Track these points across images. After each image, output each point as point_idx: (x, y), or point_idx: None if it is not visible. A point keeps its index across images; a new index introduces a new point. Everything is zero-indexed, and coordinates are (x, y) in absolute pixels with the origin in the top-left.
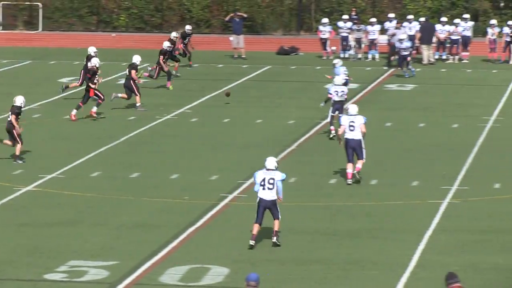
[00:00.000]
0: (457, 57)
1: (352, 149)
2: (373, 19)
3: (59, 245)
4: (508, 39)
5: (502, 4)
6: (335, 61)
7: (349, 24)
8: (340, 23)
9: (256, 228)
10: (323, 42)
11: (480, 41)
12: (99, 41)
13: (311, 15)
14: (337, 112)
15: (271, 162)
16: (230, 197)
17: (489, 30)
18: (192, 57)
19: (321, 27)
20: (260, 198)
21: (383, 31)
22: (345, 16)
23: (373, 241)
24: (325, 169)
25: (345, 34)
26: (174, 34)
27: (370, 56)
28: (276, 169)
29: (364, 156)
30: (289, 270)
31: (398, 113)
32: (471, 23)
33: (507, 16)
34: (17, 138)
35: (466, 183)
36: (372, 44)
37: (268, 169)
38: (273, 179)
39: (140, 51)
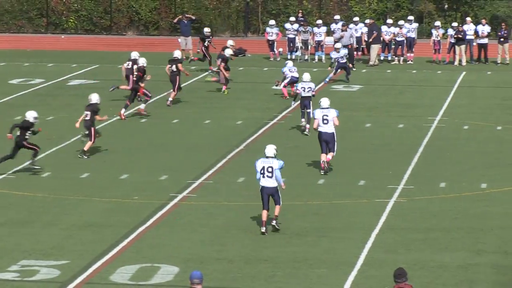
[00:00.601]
0: (402, 58)
1: (326, 142)
2: (319, 21)
3: (10, 244)
4: (452, 40)
5: (446, 6)
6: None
7: (295, 26)
8: (287, 25)
9: (265, 214)
10: (270, 43)
11: (424, 42)
12: (48, 43)
13: (258, 17)
14: (305, 108)
15: (270, 150)
16: (180, 196)
17: (434, 32)
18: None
19: (268, 29)
20: (262, 186)
21: (329, 33)
22: (292, 18)
23: (321, 240)
24: None
25: (292, 36)
26: (230, 42)
27: (316, 57)
28: (275, 156)
29: (336, 149)
30: (237, 268)
31: (345, 114)
32: (415, 25)
33: (451, 17)
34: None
35: (412, 183)
36: (319, 45)
37: (267, 157)
38: (271, 167)
39: (89, 53)
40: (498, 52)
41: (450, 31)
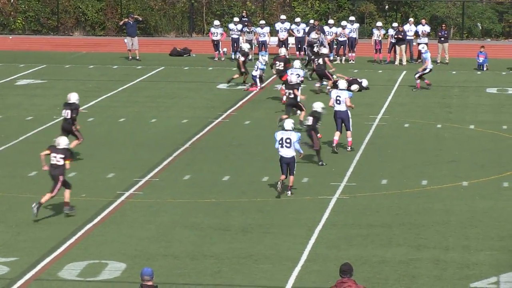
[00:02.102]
0: (344, 58)
1: (341, 119)
2: (263, 22)
3: None
4: (393, 40)
5: (386, 7)
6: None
7: (239, 26)
8: (231, 26)
9: (282, 177)
10: (215, 44)
11: (366, 42)
12: None
13: (203, 17)
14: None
15: (288, 123)
16: (126, 194)
17: (375, 32)
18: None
19: (212, 29)
20: (281, 156)
21: (273, 33)
22: (236, 19)
23: (265, 236)
24: (218, 167)
25: (236, 36)
26: (283, 51)
27: (260, 57)
28: (293, 129)
29: (351, 127)
30: (183, 264)
31: (282, 113)
32: (357, 25)
33: (391, 18)
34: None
35: (354, 179)
36: (263, 45)
37: (285, 130)
38: (289, 139)
39: (37, 53)
40: (438, 52)
41: (391, 31)
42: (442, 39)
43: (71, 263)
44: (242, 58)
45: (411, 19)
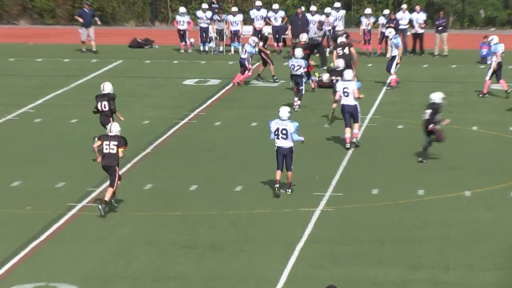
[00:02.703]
0: (328, 50)
1: (349, 114)
2: (235, 9)
3: None
4: (384, 30)
5: None
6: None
7: (209, 14)
8: (199, 13)
9: (278, 174)
10: (181, 34)
11: (353, 32)
12: None
13: (167, 4)
14: (298, 85)
15: (284, 112)
16: (79, 206)
17: (363, 20)
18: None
19: (178, 18)
20: (278, 147)
21: (246, 22)
22: (205, 5)
23: (239, 254)
24: (184, 175)
25: (204, 25)
26: (304, 37)
27: (232, 48)
28: (289, 119)
29: (360, 119)
30: (145, 287)
31: (264, 112)
32: (343, 12)
33: (382, 4)
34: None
35: (340, 189)
36: (235, 36)
37: (281, 119)
38: (285, 130)
39: None
40: (435, 43)
41: (382, 20)
42: (440, 28)
43: (14, 286)
44: (261, 43)
45: (404, 6)
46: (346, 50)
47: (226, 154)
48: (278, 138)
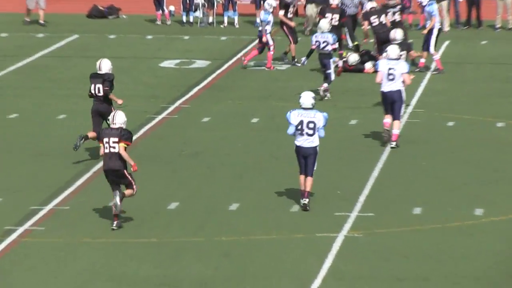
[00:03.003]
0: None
1: (391, 104)
2: None
3: None
4: None
5: None
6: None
7: None
8: None
9: (303, 180)
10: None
11: None
12: None
13: None
14: (325, 68)
15: (307, 98)
16: (20, 230)
17: None
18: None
19: None
20: (298, 146)
21: None
22: None
23: None
24: (161, 188)
25: None
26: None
27: (226, 19)
28: (313, 107)
29: (402, 114)
30: None
31: (268, 104)
32: None
33: None
34: None
35: (371, 208)
36: (229, 2)
37: (304, 108)
38: (313, 122)
39: None
40: (497, 12)
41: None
42: None
43: None
44: (281, 12)
45: None
46: (383, 19)
47: (218, 161)
48: (301, 134)
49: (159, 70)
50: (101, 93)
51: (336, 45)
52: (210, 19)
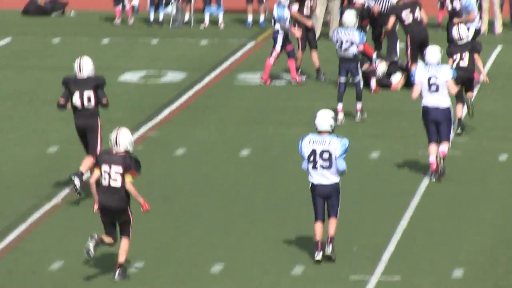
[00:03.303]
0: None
1: (435, 123)
2: None
3: None
4: None
5: None
6: None
7: None
8: None
9: (319, 229)
10: None
11: None
12: None
13: None
14: (343, 79)
15: (324, 119)
16: None
17: None
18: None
19: None
20: (314, 184)
21: None
22: None
23: None
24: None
25: None
26: None
27: (206, 17)
28: (333, 131)
29: (452, 135)
30: None
31: (262, 130)
32: None
33: None
34: None
35: (397, 268)
36: None
37: (320, 132)
38: (328, 152)
39: None
40: None
41: None
42: None
43: None
44: (295, 6)
45: None
46: (418, 14)
47: (196, 207)
48: (314, 167)
49: (117, 86)
50: (92, 104)
51: (362, 47)
52: (187, 17)
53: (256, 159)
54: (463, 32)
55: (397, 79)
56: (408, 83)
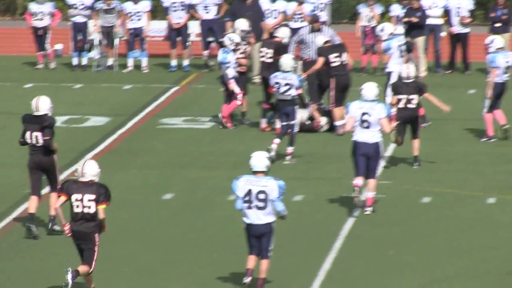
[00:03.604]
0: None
1: (365, 157)
2: None
3: None
4: (402, 26)
5: None
6: None
7: None
8: None
9: (251, 261)
10: (38, 34)
11: (346, 31)
12: None
13: None
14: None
15: (260, 160)
16: None
17: (364, 11)
18: None
19: (33, 6)
20: (248, 224)
21: (156, 13)
22: None
23: None
24: None
25: (81, 21)
26: (284, 33)
27: (130, 63)
28: (268, 171)
29: (378, 173)
30: None
31: (185, 173)
32: None
33: None
34: None
35: None
36: (137, 37)
37: (255, 172)
38: (264, 193)
39: None
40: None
41: (397, 9)
42: (498, 25)
43: None
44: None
45: None
46: (344, 57)
47: (118, 250)
48: (250, 207)
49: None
50: (40, 144)
51: (301, 90)
52: (110, 62)
53: (179, 203)
54: (411, 71)
55: (321, 120)
56: (332, 127)
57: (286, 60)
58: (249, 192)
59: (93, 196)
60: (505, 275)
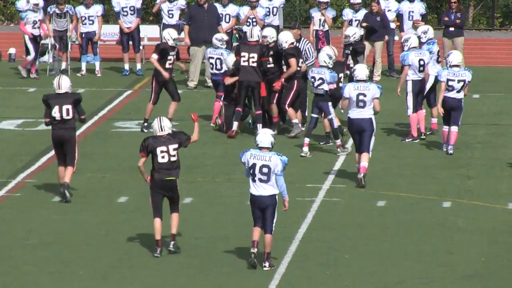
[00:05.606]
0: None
1: (359, 134)
2: None
3: None
4: (360, 32)
5: None
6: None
7: (39, 1)
8: (21, 3)
9: (256, 233)
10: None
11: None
12: None
13: None
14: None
15: (265, 136)
16: None
17: (316, 15)
18: None
19: None
20: (252, 195)
21: (109, 18)
22: None
23: None
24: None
25: (34, 31)
26: (257, 33)
27: (84, 66)
28: (272, 147)
29: (371, 147)
30: None
31: (141, 178)
32: (280, 1)
33: None
34: None
35: None
36: (89, 41)
37: (260, 148)
38: (267, 167)
39: None
40: (444, 53)
41: (349, 14)
42: (451, 29)
43: None
44: (155, 56)
45: None
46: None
47: (73, 253)
48: (254, 180)
49: None
50: (70, 116)
51: (334, 85)
52: (63, 66)
53: (134, 206)
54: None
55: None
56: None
57: (322, 55)
58: (253, 166)
59: (175, 145)
60: (460, 279)
